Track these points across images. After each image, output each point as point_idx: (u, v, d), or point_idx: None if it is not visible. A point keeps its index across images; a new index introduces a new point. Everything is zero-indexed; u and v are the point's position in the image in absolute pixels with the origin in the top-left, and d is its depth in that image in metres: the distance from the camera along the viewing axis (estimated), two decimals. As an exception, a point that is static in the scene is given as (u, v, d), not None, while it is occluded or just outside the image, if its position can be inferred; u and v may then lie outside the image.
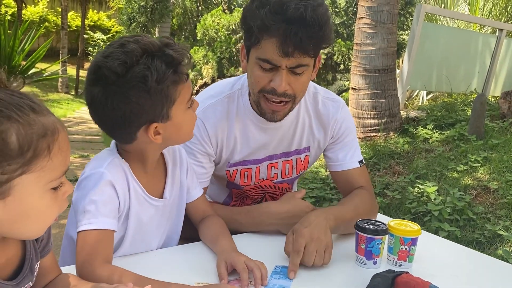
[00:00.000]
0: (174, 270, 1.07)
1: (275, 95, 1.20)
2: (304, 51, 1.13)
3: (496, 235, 2.69)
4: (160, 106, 0.99)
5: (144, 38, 0.99)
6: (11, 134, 0.64)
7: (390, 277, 1.03)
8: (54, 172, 0.70)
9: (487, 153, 3.85)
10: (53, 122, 0.69)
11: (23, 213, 0.70)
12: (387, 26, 4.46)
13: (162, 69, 0.95)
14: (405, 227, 1.15)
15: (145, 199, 1.11)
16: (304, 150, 1.44)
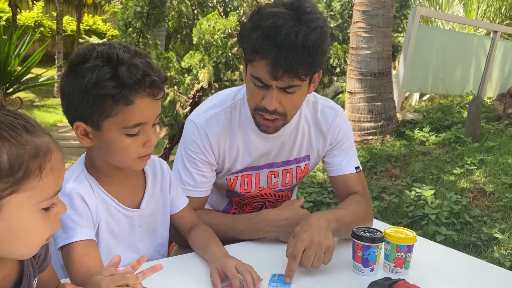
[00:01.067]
0: (170, 280, 1.07)
1: (266, 112, 1.23)
2: (294, 75, 1.15)
3: (493, 238, 2.70)
4: (90, 110, 0.98)
5: (119, 48, 0.99)
6: (1, 153, 0.64)
7: (387, 285, 1.03)
8: (45, 192, 0.70)
9: (483, 156, 3.86)
10: (47, 143, 0.69)
11: (13, 233, 0.69)
12: (383, 29, 4.48)
13: (103, 77, 0.95)
14: (401, 234, 1.16)
15: (117, 209, 1.11)
16: (304, 159, 1.46)
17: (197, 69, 6.47)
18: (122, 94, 0.96)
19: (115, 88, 0.95)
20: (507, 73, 7.17)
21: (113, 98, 0.96)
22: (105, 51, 0.96)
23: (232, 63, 6.08)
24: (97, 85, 0.95)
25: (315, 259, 1.11)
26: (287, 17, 1.12)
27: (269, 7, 1.16)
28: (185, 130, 1.38)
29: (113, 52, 0.96)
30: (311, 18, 1.14)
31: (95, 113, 0.98)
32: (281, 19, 1.11)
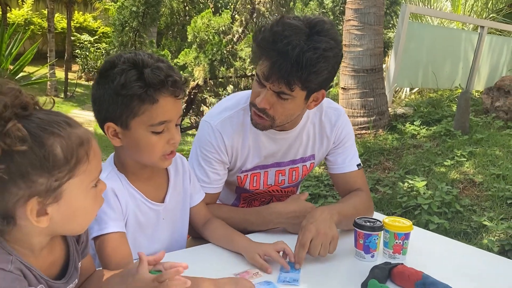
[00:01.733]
0: (189, 270, 1.16)
1: (256, 109, 1.31)
2: (283, 82, 1.21)
3: (482, 225, 2.84)
4: (119, 111, 1.07)
5: (144, 54, 1.09)
6: (56, 147, 0.74)
7: (387, 269, 1.13)
8: (93, 174, 0.81)
9: (472, 148, 4.01)
10: (85, 132, 0.80)
11: (73, 213, 0.80)
12: (374, 27, 4.60)
13: (130, 79, 1.04)
14: (398, 223, 1.26)
15: (144, 203, 1.19)
16: (309, 158, 1.54)
17: (192, 66, 6.52)
18: (148, 94, 1.04)
19: (141, 88, 1.04)
20: (494, 67, 7.34)
21: (139, 97, 1.05)
22: (131, 57, 1.06)
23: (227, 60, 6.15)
24: (125, 86, 1.04)
25: (321, 249, 1.20)
26: (297, 31, 1.19)
27: (289, 19, 1.23)
28: (200, 130, 1.45)
29: (138, 58, 1.06)
30: (319, 40, 1.19)
31: (123, 113, 1.07)
32: (291, 31, 1.19)
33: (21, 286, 0.76)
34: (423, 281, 1.07)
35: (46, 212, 0.76)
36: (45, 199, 0.75)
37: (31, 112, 0.75)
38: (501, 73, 7.20)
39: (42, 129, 0.74)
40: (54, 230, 0.82)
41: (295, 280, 1.12)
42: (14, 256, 0.78)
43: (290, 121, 1.39)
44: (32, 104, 0.76)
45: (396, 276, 1.12)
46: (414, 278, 1.09)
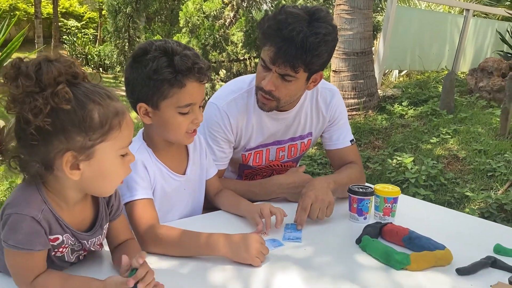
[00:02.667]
0: (212, 230, 1.21)
1: (263, 92, 1.43)
2: (289, 66, 1.34)
3: (464, 196, 3.04)
4: (151, 93, 1.18)
5: (173, 43, 1.21)
6: (94, 112, 0.86)
7: (378, 227, 1.27)
8: (123, 142, 0.92)
9: (457, 126, 4.20)
10: (122, 106, 0.93)
11: (101, 172, 0.91)
12: (364, 11, 4.72)
13: (162, 65, 1.15)
14: (387, 189, 1.40)
15: (169, 175, 1.32)
16: (307, 135, 1.67)
17: (184, 51, 6.54)
18: (177, 79, 1.16)
19: (171, 74, 1.15)
20: (480, 48, 7.52)
21: (169, 82, 1.16)
22: (162, 45, 1.17)
23: (219, 45, 6.21)
24: (157, 71, 1.15)
25: (319, 212, 1.35)
26: (299, 18, 1.32)
27: (290, 8, 1.36)
28: (207, 111, 1.56)
29: (168, 46, 1.16)
30: (319, 25, 1.32)
31: (155, 95, 1.18)
32: (293, 18, 1.32)
33: (38, 239, 0.88)
34: (409, 235, 1.21)
35: (78, 167, 0.88)
36: (79, 154, 0.87)
37: (80, 81, 0.89)
38: (486, 55, 7.39)
39: (85, 96, 0.86)
40: (85, 187, 0.93)
41: (297, 238, 1.27)
42: (47, 205, 0.90)
43: (291, 102, 1.51)
44: (82, 76, 0.89)
45: (386, 233, 1.26)
46: (401, 234, 1.22)
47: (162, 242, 1.13)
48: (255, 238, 1.12)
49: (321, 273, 1.08)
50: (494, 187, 3.17)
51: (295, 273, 1.08)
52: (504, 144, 3.70)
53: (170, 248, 1.13)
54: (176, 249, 1.12)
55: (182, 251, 1.13)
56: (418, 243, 1.19)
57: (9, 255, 0.90)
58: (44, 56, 0.85)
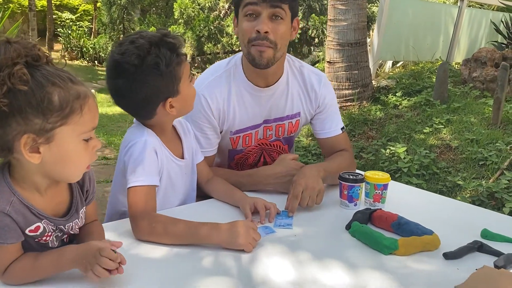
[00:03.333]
0: (205, 219, 1.22)
1: (259, 39, 1.43)
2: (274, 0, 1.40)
3: (456, 185, 3.08)
4: (172, 85, 1.21)
5: (147, 33, 1.22)
6: (54, 95, 0.86)
7: (368, 213, 1.29)
8: (85, 126, 0.91)
9: (450, 116, 4.23)
10: (85, 90, 0.93)
11: (62, 157, 0.90)
12: (358, 2, 4.72)
13: (168, 55, 1.17)
14: (377, 176, 1.41)
15: (172, 160, 1.33)
16: (295, 115, 1.66)
17: (179, 43, 6.54)
18: (179, 56, 1.22)
19: (177, 56, 1.21)
20: (474, 39, 7.54)
21: (178, 64, 1.21)
22: (144, 43, 1.18)
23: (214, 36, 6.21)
24: (168, 63, 1.18)
25: (309, 200, 1.36)
26: None
27: None
28: None
29: (148, 39, 1.19)
30: None
31: (175, 84, 1.22)
32: None
33: (9, 233, 0.89)
34: (398, 221, 1.23)
35: (38, 151, 0.87)
36: (38, 137, 0.86)
37: (41, 64, 0.89)
38: (480, 45, 7.41)
39: (45, 78, 0.86)
40: (48, 172, 0.92)
41: (289, 225, 1.29)
42: (16, 196, 0.90)
43: (275, 65, 1.51)
44: (44, 58, 0.89)
45: (375, 219, 1.28)
46: (390, 219, 1.24)
47: (155, 231, 1.14)
48: (245, 224, 1.14)
49: (311, 258, 1.10)
50: (485, 176, 3.21)
51: (286, 259, 1.10)
52: (496, 133, 3.73)
53: (163, 237, 1.14)
54: (169, 238, 1.14)
55: (174, 239, 1.14)
56: (406, 228, 1.21)
57: None
58: (4, 37, 0.86)
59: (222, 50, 6.26)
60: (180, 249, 1.13)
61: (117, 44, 1.26)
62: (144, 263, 1.05)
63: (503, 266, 1.06)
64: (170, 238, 1.14)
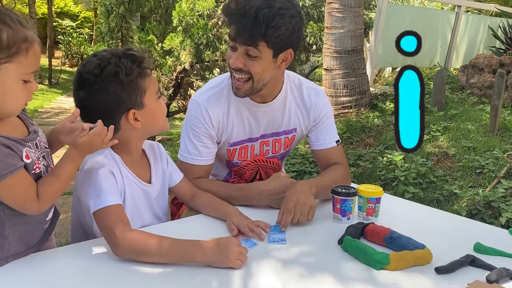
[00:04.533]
0: (189, 236, 1.21)
1: (234, 71, 1.46)
2: (246, 39, 1.39)
3: (453, 193, 3.08)
4: (134, 95, 1.21)
5: (112, 49, 1.28)
6: (3, 34, 0.94)
7: (360, 227, 1.29)
8: (27, 68, 0.98)
9: (447, 123, 4.24)
10: (32, 35, 0.99)
11: (3, 92, 0.96)
12: (354, 9, 4.74)
13: (128, 65, 1.18)
14: (370, 189, 1.41)
15: (135, 183, 1.31)
16: (292, 131, 1.68)
17: (178, 51, 6.59)
18: (142, 69, 1.23)
19: (139, 67, 1.21)
20: (472, 44, 7.56)
21: (140, 75, 1.22)
22: (106, 54, 1.21)
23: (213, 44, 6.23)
24: (129, 73, 1.20)
25: (300, 216, 1.36)
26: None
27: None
28: (189, 108, 1.61)
29: (109, 53, 1.22)
30: (278, 1, 1.38)
31: (138, 95, 1.22)
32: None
33: (9, 159, 0.97)
34: (390, 235, 1.23)
35: None
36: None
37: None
38: (478, 51, 7.43)
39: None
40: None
41: (282, 240, 1.29)
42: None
43: (267, 88, 1.52)
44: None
45: (368, 233, 1.28)
46: (382, 234, 1.24)
47: (137, 249, 1.11)
48: (230, 241, 1.14)
49: (304, 273, 1.11)
50: (482, 184, 3.20)
51: (279, 274, 1.10)
52: (493, 141, 3.74)
53: (146, 256, 1.11)
54: (152, 257, 1.11)
55: (158, 258, 1.12)
56: (398, 243, 1.21)
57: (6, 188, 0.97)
58: None
59: (221, 57, 6.28)
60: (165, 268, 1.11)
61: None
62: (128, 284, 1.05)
63: (496, 281, 1.06)
64: (154, 257, 1.11)
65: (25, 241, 1.09)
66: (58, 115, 8.71)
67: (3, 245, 1.04)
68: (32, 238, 1.11)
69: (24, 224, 1.07)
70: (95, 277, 1.06)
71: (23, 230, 1.07)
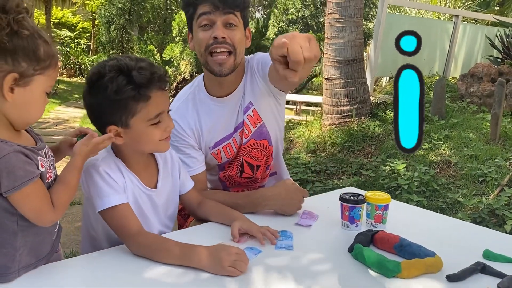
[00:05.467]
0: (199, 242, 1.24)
1: (217, 44, 1.46)
2: (229, 6, 1.45)
3: (456, 202, 3.08)
4: (119, 113, 1.18)
5: (124, 59, 1.22)
6: (41, 47, 0.98)
7: (370, 235, 1.28)
8: (52, 81, 1.04)
9: (448, 132, 4.25)
10: (57, 52, 1.04)
11: (30, 102, 1.01)
12: (354, 20, 4.78)
13: (122, 84, 1.15)
14: (378, 196, 1.41)
15: (139, 187, 1.29)
16: (248, 106, 1.63)
17: (178, 60, 6.62)
18: (140, 93, 1.17)
19: (134, 90, 1.16)
20: (470, 54, 7.62)
21: (134, 98, 1.17)
22: (115, 64, 1.18)
23: (213, 54, 6.26)
24: (119, 92, 1.15)
25: (303, 50, 1.01)
26: None
27: None
28: None
29: (121, 63, 1.18)
30: None
31: (123, 115, 1.19)
32: None
33: (29, 166, 0.98)
34: (400, 243, 1.22)
35: (13, 91, 0.97)
36: (19, 79, 0.97)
37: (29, 17, 0.99)
38: (476, 60, 7.49)
39: (36, 31, 0.99)
40: (15, 113, 1.00)
41: (290, 246, 1.28)
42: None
43: (236, 71, 1.54)
44: (29, 13, 1.00)
45: (378, 241, 1.27)
46: (392, 241, 1.24)
47: (145, 249, 1.16)
48: (226, 249, 1.12)
49: (314, 282, 1.09)
50: (485, 192, 3.20)
51: (288, 282, 1.09)
52: (494, 149, 3.75)
53: (153, 254, 1.15)
54: (159, 255, 1.14)
55: (164, 259, 1.14)
56: (408, 250, 1.21)
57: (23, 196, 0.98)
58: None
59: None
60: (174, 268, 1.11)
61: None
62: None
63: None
64: (160, 255, 1.14)
65: (35, 253, 1.08)
66: (56, 125, 8.69)
67: (14, 256, 1.03)
68: (42, 249, 1.11)
69: (35, 236, 1.07)
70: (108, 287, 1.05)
71: (33, 241, 1.07)
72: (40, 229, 1.07)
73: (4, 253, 1.02)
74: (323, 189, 3.48)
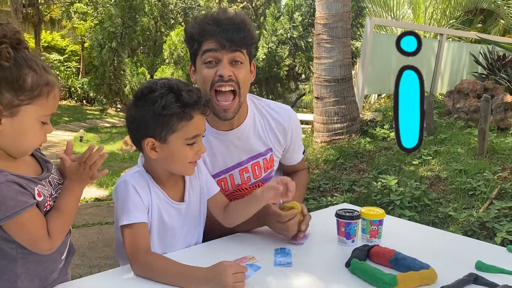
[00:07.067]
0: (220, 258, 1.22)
1: (222, 82, 1.44)
2: (236, 44, 1.43)
3: (448, 215, 3.13)
4: (160, 128, 1.25)
5: (175, 80, 1.30)
6: (28, 77, 0.97)
7: (366, 250, 1.32)
8: (46, 110, 1.03)
9: (437, 147, 4.33)
10: (54, 80, 1.04)
11: (20, 131, 1.00)
12: (342, 40, 4.90)
13: (171, 101, 1.23)
14: (373, 212, 1.46)
15: (167, 202, 1.34)
16: (268, 151, 1.66)
17: (169, 82, 6.65)
18: (185, 112, 1.24)
19: (180, 108, 1.24)
20: (456, 70, 7.80)
21: (178, 116, 1.24)
22: (166, 83, 1.27)
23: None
24: (166, 107, 1.23)
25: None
26: (226, 10, 1.50)
27: (213, 13, 1.50)
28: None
29: (172, 83, 1.27)
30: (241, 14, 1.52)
31: (164, 130, 1.25)
32: (223, 12, 1.48)
33: (21, 197, 0.99)
34: (395, 257, 1.26)
35: (0, 122, 0.97)
36: (4, 109, 0.96)
37: (22, 48, 0.99)
38: (462, 76, 7.67)
39: (24, 60, 0.99)
40: (7, 143, 1.01)
41: (288, 263, 1.30)
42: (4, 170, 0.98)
43: (237, 113, 1.53)
44: (24, 44, 1.00)
45: (373, 255, 1.31)
46: (388, 255, 1.28)
47: (147, 270, 1.18)
48: (228, 266, 1.14)
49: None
50: (475, 206, 3.26)
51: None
52: (482, 163, 3.82)
53: (155, 276, 1.17)
54: (161, 277, 1.17)
55: (166, 280, 1.16)
56: (404, 263, 1.25)
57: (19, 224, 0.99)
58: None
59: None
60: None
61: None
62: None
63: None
64: (162, 277, 1.16)
65: (39, 280, 1.08)
66: (47, 149, 8.64)
67: (16, 283, 1.03)
68: (47, 276, 1.11)
69: (38, 263, 1.07)
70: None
71: (37, 268, 1.07)
72: (44, 257, 1.07)
73: (5, 279, 1.02)
74: (317, 206, 3.51)
